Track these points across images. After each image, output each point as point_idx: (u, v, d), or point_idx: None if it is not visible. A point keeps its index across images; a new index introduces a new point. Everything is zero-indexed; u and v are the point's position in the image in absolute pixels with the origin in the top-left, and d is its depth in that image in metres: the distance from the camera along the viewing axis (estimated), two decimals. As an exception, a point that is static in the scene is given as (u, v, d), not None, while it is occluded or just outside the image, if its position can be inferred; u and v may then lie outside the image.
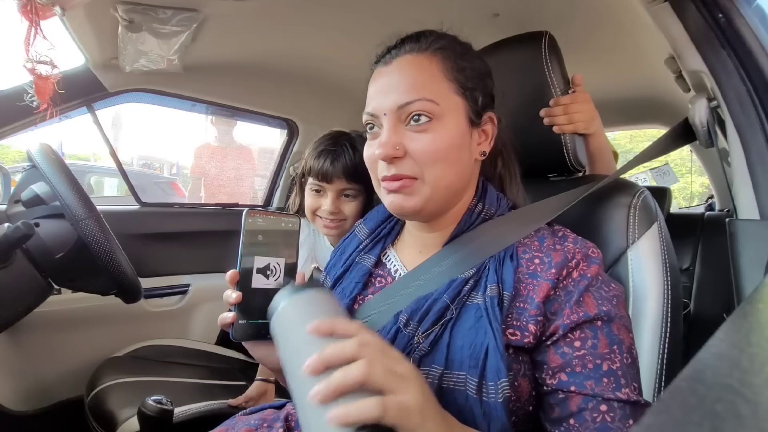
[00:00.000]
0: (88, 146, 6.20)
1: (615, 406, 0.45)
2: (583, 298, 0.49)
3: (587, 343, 0.47)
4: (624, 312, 0.50)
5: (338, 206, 0.93)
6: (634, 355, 0.48)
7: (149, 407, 0.90)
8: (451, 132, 0.53)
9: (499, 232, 0.55)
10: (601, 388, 0.45)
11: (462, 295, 0.52)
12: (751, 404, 0.16)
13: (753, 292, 0.50)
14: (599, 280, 0.50)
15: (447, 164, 0.53)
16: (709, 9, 0.64)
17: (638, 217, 0.64)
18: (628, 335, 0.49)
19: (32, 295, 0.84)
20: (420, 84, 0.53)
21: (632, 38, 1.14)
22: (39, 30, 0.77)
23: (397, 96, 0.53)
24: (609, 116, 1.89)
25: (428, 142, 0.52)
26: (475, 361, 0.47)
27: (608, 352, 0.47)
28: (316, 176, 0.94)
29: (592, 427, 0.44)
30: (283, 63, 1.40)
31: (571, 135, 0.72)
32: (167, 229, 1.50)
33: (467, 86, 0.55)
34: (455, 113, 0.54)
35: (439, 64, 0.54)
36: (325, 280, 0.70)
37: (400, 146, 0.52)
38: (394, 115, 0.53)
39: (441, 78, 0.54)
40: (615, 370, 0.46)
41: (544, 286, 0.49)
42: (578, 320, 0.48)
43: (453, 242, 0.57)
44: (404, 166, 0.53)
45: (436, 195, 0.54)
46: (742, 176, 0.64)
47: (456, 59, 0.55)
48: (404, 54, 0.55)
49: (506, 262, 0.52)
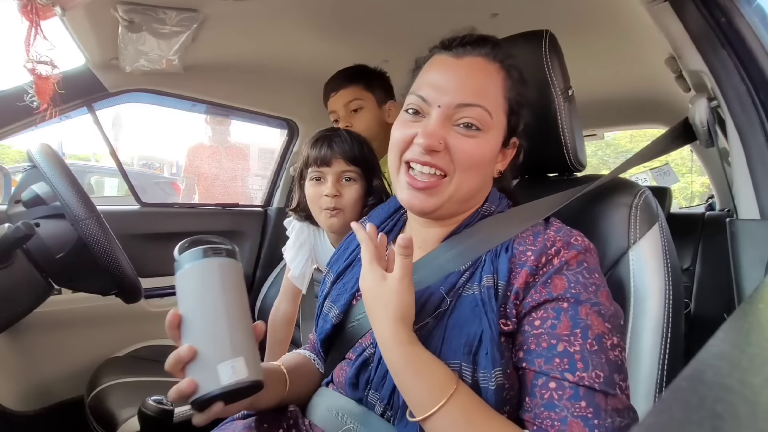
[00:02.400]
0: (88, 146, 6.21)
1: (565, 385, 0.44)
2: (551, 280, 0.49)
3: (547, 322, 0.47)
4: (606, 302, 0.49)
5: (338, 189, 0.92)
6: (606, 345, 0.46)
7: (149, 407, 0.90)
8: (490, 145, 0.55)
9: (496, 228, 0.56)
10: (550, 366, 0.45)
11: (457, 287, 0.53)
12: (751, 404, 0.16)
13: (753, 291, 0.50)
14: (579, 265, 0.50)
15: (476, 173, 0.55)
16: (709, 9, 0.64)
17: (639, 217, 0.64)
18: (602, 324, 0.47)
19: (32, 295, 0.84)
20: (485, 92, 0.54)
21: (632, 38, 1.14)
22: (39, 30, 0.77)
23: (460, 95, 0.53)
24: (609, 116, 1.90)
25: (472, 146, 0.53)
26: (469, 348, 0.48)
27: (568, 334, 0.46)
28: (315, 162, 0.93)
29: (539, 403, 0.45)
30: (283, 63, 1.40)
31: (570, 134, 0.72)
32: (167, 229, 1.50)
33: (514, 110, 0.57)
34: (498, 130, 0.56)
35: (504, 80, 0.56)
36: (327, 275, 0.70)
37: (444, 141, 0.53)
38: (449, 110, 0.53)
39: (500, 94, 0.55)
40: (572, 352, 0.45)
41: (524, 273, 0.50)
42: (540, 299, 0.48)
43: (452, 238, 0.58)
44: (440, 159, 0.53)
45: (455, 198, 0.55)
46: (742, 176, 0.64)
47: (516, 81, 0.57)
48: (478, 56, 0.55)
49: (501, 253, 0.53)
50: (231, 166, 2.49)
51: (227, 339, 0.47)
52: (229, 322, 0.48)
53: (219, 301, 0.48)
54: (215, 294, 0.48)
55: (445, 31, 0.60)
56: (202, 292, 0.49)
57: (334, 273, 0.68)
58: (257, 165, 4.60)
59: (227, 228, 1.65)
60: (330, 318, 0.62)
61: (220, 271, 0.50)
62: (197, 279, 0.49)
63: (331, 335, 0.63)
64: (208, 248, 0.50)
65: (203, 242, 0.51)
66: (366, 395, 0.55)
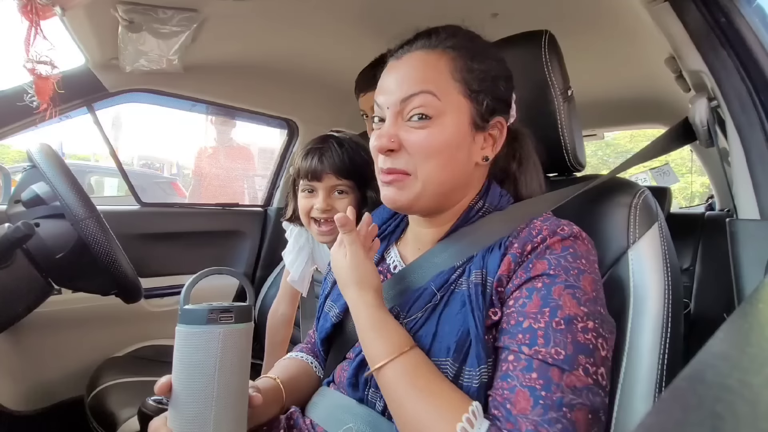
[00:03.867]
0: (88, 146, 6.20)
1: (521, 357, 0.44)
2: (533, 264, 0.49)
3: (519, 302, 0.48)
4: (587, 287, 0.47)
5: (330, 203, 0.91)
6: (576, 327, 0.45)
7: (149, 407, 0.90)
8: (449, 131, 0.53)
9: (492, 227, 0.56)
10: (512, 341, 0.46)
11: (449, 283, 0.53)
12: (751, 404, 0.16)
13: (753, 292, 0.50)
14: (564, 250, 0.50)
15: (440, 162, 0.53)
16: (709, 9, 0.64)
17: (639, 216, 0.64)
18: (576, 307, 0.45)
19: (32, 295, 0.84)
20: (424, 78, 0.53)
21: (632, 38, 1.14)
22: (39, 30, 0.77)
23: (401, 90, 0.53)
24: (609, 116, 1.90)
25: (424, 137, 0.52)
26: (456, 346, 0.48)
27: (536, 312, 0.46)
28: (305, 176, 0.92)
29: (498, 375, 0.46)
30: (283, 63, 1.40)
31: (570, 135, 0.72)
32: (167, 229, 1.50)
33: (474, 89, 0.54)
34: (457, 113, 0.53)
35: (448, 63, 0.54)
36: (328, 275, 0.71)
37: (395, 138, 0.53)
38: (397, 108, 0.54)
39: (447, 77, 0.53)
40: (535, 329, 0.45)
41: (507, 260, 0.50)
42: (520, 282, 0.49)
43: (449, 237, 0.58)
44: (399, 160, 0.54)
45: (427, 192, 0.54)
46: (742, 176, 0.64)
47: (467, 60, 0.54)
48: (415, 50, 0.55)
49: (495, 249, 0.53)
50: (234, 166, 2.49)
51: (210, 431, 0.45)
52: (216, 411, 0.46)
53: (210, 383, 0.46)
54: (208, 372, 0.46)
55: (445, 30, 0.59)
56: (193, 367, 0.47)
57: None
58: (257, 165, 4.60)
59: (227, 228, 1.65)
60: (330, 317, 0.63)
61: (220, 342, 0.47)
62: (192, 349, 0.47)
63: (331, 334, 0.63)
64: (214, 311, 0.48)
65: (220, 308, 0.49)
66: (366, 394, 0.55)
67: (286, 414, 0.62)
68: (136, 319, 1.41)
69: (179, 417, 0.47)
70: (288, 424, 0.60)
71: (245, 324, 0.50)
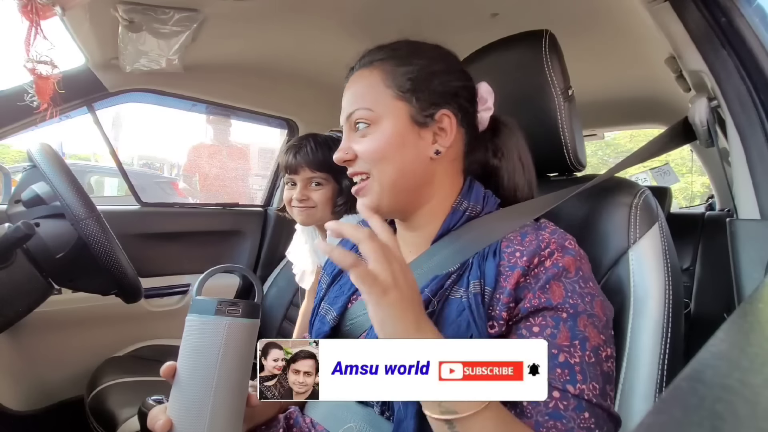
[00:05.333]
0: (88, 146, 6.19)
1: (569, 396, 0.45)
2: (550, 285, 0.49)
3: (546, 330, 0.48)
4: (600, 313, 0.50)
5: (306, 194, 1.03)
6: (601, 357, 0.47)
7: (149, 407, 0.90)
8: (387, 134, 0.56)
9: (485, 230, 0.56)
10: (552, 376, 0.46)
11: (444, 289, 0.53)
12: (751, 404, 0.16)
13: (753, 292, 0.50)
14: (576, 273, 0.50)
15: (388, 163, 0.56)
16: (709, 8, 0.64)
17: (639, 216, 0.64)
18: (598, 336, 0.48)
19: (32, 295, 0.84)
20: (360, 95, 0.59)
21: (632, 38, 1.14)
22: (39, 30, 0.77)
23: (346, 108, 0.60)
24: (609, 116, 1.90)
25: (366, 144, 0.57)
26: None
27: (568, 345, 0.47)
28: (285, 170, 1.05)
29: (544, 411, 0.45)
30: (283, 63, 1.40)
31: (570, 134, 0.72)
32: (167, 229, 1.50)
33: (405, 89, 0.57)
34: (393, 116, 0.57)
35: (379, 75, 0.58)
36: (323, 277, 0.70)
37: (349, 150, 0.58)
38: (347, 125, 0.60)
39: (380, 87, 0.58)
40: (572, 364, 0.46)
41: (516, 274, 0.50)
42: (539, 305, 0.49)
43: (440, 240, 0.58)
44: (357, 165, 0.58)
45: (386, 192, 0.57)
46: (742, 176, 0.64)
47: (394, 66, 0.58)
48: (357, 70, 0.61)
49: (489, 257, 0.53)
50: (232, 166, 2.50)
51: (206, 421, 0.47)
52: (214, 400, 0.48)
53: (211, 371, 0.48)
54: (210, 361, 0.48)
55: (446, 31, 0.60)
56: (196, 354, 0.49)
57: (330, 275, 0.68)
58: (257, 165, 4.60)
59: (227, 228, 1.65)
60: (327, 321, 0.62)
61: (225, 333, 0.49)
62: (198, 336, 0.49)
63: (329, 337, 0.63)
64: (223, 303, 0.50)
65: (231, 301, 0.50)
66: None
67: (285, 413, 0.62)
68: (136, 319, 1.41)
69: (178, 403, 0.49)
70: (287, 424, 0.60)
71: (251, 320, 0.51)
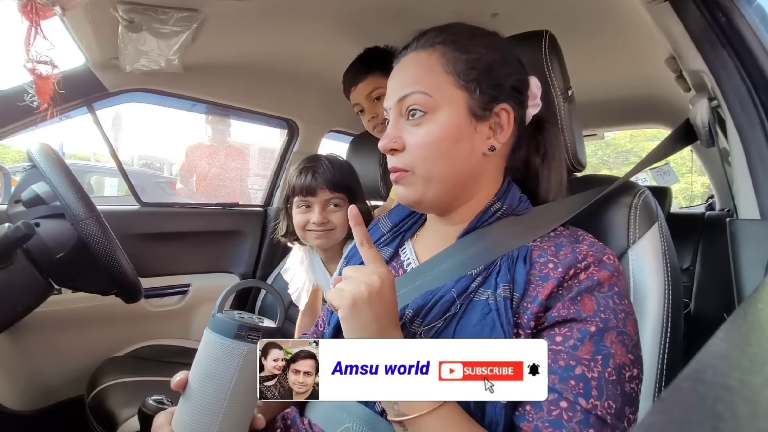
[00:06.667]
0: (88, 146, 6.20)
1: (577, 409, 0.43)
2: (582, 298, 0.48)
3: (569, 342, 0.46)
4: (632, 332, 0.48)
5: (325, 216, 0.97)
6: (625, 377, 0.45)
7: (149, 407, 0.90)
8: (444, 125, 0.53)
9: (511, 232, 0.55)
10: (564, 386, 0.44)
11: (470, 291, 0.52)
12: (751, 404, 0.16)
13: (753, 291, 0.50)
14: (611, 288, 0.49)
15: (439, 157, 0.53)
16: (709, 8, 0.64)
17: (639, 216, 0.64)
18: (625, 355, 0.46)
19: (32, 295, 0.84)
20: (416, 78, 0.54)
21: (632, 38, 1.14)
22: (39, 30, 0.77)
23: (397, 91, 0.55)
24: (609, 116, 1.90)
25: (421, 135, 0.53)
26: None
27: (588, 359, 0.45)
28: (300, 192, 0.98)
29: (545, 417, 0.44)
30: (283, 63, 1.40)
31: (570, 134, 0.72)
32: (167, 229, 1.50)
33: (466, 78, 0.54)
34: (451, 106, 0.53)
35: (439, 58, 0.54)
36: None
37: (398, 139, 0.54)
38: (396, 109, 0.55)
39: (439, 71, 0.54)
40: (589, 378, 0.44)
41: (550, 285, 0.49)
42: (567, 316, 0.47)
43: (465, 238, 0.57)
44: (400, 159, 0.55)
45: (432, 187, 0.54)
46: (742, 176, 0.64)
47: (456, 51, 0.54)
48: (410, 52, 0.57)
49: (519, 263, 0.52)
50: (232, 166, 2.50)
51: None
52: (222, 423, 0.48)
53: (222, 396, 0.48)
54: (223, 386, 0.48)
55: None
56: (210, 376, 0.49)
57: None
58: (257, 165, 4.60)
59: (227, 228, 1.65)
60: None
61: (242, 360, 0.49)
62: (214, 357, 0.49)
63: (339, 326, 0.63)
64: (244, 328, 0.49)
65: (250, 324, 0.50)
66: None
67: (282, 414, 0.62)
68: (136, 319, 1.41)
69: (185, 421, 0.49)
70: (285, 425, 0.60)
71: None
